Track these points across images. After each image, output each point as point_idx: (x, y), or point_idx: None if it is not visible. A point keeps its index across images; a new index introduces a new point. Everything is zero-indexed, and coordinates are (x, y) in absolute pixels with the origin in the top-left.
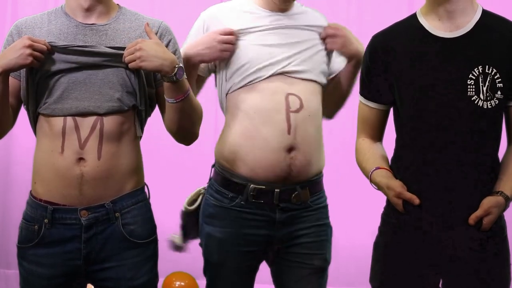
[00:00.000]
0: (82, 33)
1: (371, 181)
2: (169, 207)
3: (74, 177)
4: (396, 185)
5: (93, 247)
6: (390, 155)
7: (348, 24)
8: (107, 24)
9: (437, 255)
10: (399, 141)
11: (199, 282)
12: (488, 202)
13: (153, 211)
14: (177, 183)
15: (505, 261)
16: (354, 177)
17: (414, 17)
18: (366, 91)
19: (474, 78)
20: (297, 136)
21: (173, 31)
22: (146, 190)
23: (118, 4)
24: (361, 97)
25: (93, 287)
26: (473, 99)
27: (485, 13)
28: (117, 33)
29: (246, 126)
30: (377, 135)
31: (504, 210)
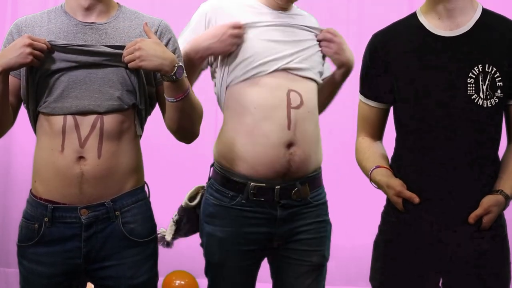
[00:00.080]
0: (82, 32)
1: (371, 180)
2: (169, 206)
3: (74, 176)
4: (396, 183)
5: (93, 246)
6: (390, 154)
7: (348, 24)
8: (107, 23)
9: (437, 254)
10: (399, 140)
11: (199, 281)
12: (488, 201)
13: (153, 209)
14: (177, 182)
15: (505, 260)
16: (354, 176)
17: (414, 16)
18: (366, 89)
19: (474, 77)
20: (296, 132)
21: (173, 29)
22: (146, 188)
23: (118, 3)
24: (361, 96)
25: (93, 286)
26: (473, 98)
27: (485, 12)
28: (117, 31)
29: (246, 122)
30: (377, 134)
31: (504, 208)
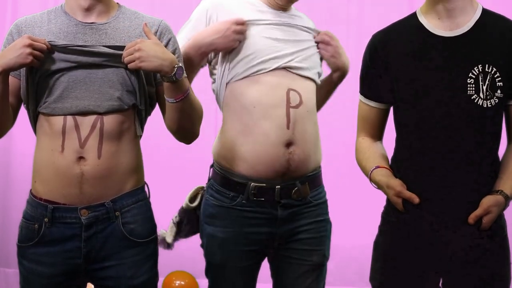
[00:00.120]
0: (82, 32)
1: (371, 180)
2: (169, 206)
3: (74, 176)
4: (396, 184)
5: (93, 246)
6: (390, 154)
7: (348, 24)
8: (107, 23)
9: (437, 254)
10: (399, 140)
11: (199, 281)
12: (487, 201)
13: (153, 210)
14: (177, 182)
15: (505, 260)
16: (354, 176)
17: (414, 16)
18: (366, 90)
19: (474, 77)
20: (295, 131)
21: (173, 29)
22: (146, 189)
23: (118, 3)
24: (361, 96)
25: (93, 286)
26: (473, 98)
27: (485, 12)
28: (117, 32)
29: (245, 121)
30: (377, 134)
31: (504, 209)
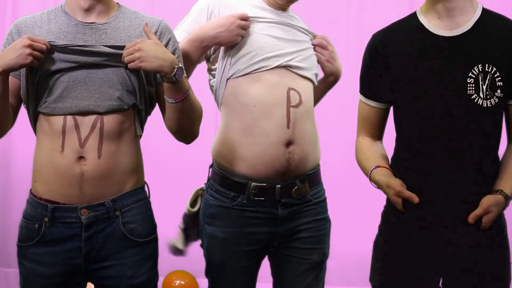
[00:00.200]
0: (82, 32)
1: (370, 179)
2: (169, 206)
3: (74, 176)
4: (395, 183)
5: (93, 246)
6: (390, 154)
7: (348, 24)
8: (106, 23)
9: (437, 254)
10: (399, 140)
11: (199, 281)
12: (487, 200)
13: (153, 209)
14: (177, 182)
15: (505, 260)
16: (354, 176)
17: (414, 15)
18: (366, 89)
19: (474, 76)
20: (295, 130)
21: (173, 30)
22: (146, 188)
23: (117, 3)
24: (361, 96)
25: (93, 286)
26: (473, 98)
27: (485, 11)
28: (117, 31)
29: (246, 120)
30: (377, 134)
31: (503, 208)
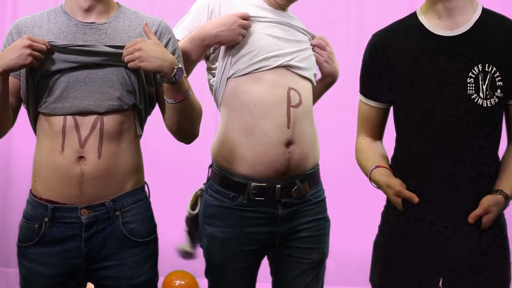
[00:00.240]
0: (81, 32)
1: (370, 179)
2: (169, 206)
3: (74, 176)
4: (395, 183)
5: (93, 246)
6: (390, 154)
7: (348, 24)
8: (106, 22)
9: (437, 254)
10: (399, 140)
11: (199, 281)
12: (487, 200)
13: (153, 209)
14: (177, 182)
15: (505, 260)
16: (354, 176)
17: (414, 15)
18: (366, 89)
19: (474, 76)
20: (295, 130)
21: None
22: (146, 188)
23: (117, 2)
24: (361, 96)
25: (93, 286)
26: (472, 98)
27: (485, 11)
28: (117, 31)
29: (246, 120)
30: (377, 134)
31: (503, 208)
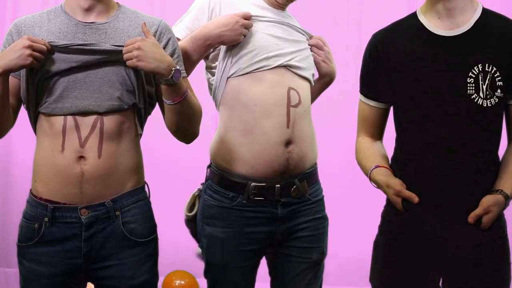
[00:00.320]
0: (81, 31)
1: (370, 179)
2: (169, 206)
3: (74, 176)
4: (395, 183)
5: (93, 246)
6: (390, 154)
7: (348, 24)
8: (106, 22)
9: (437, 254)
10: (399, 140)
11: (199, 281)
12: (487, 200)
13: (153, 209)
14: (177, 182)
15: (505, 260)
16: (354, 176)
17: (414, 15)
18: (366, 89)
19: (474, 76)
20: (294, 130)
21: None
22: (146, 188)
23: (117, 2)
24: (361, 96)
25: (93, 286)
26: (473, 98)
27: (485, 11)
28: (117, 31)
29: (246, 120)
30: (377, 134)
31: (503, 208)
